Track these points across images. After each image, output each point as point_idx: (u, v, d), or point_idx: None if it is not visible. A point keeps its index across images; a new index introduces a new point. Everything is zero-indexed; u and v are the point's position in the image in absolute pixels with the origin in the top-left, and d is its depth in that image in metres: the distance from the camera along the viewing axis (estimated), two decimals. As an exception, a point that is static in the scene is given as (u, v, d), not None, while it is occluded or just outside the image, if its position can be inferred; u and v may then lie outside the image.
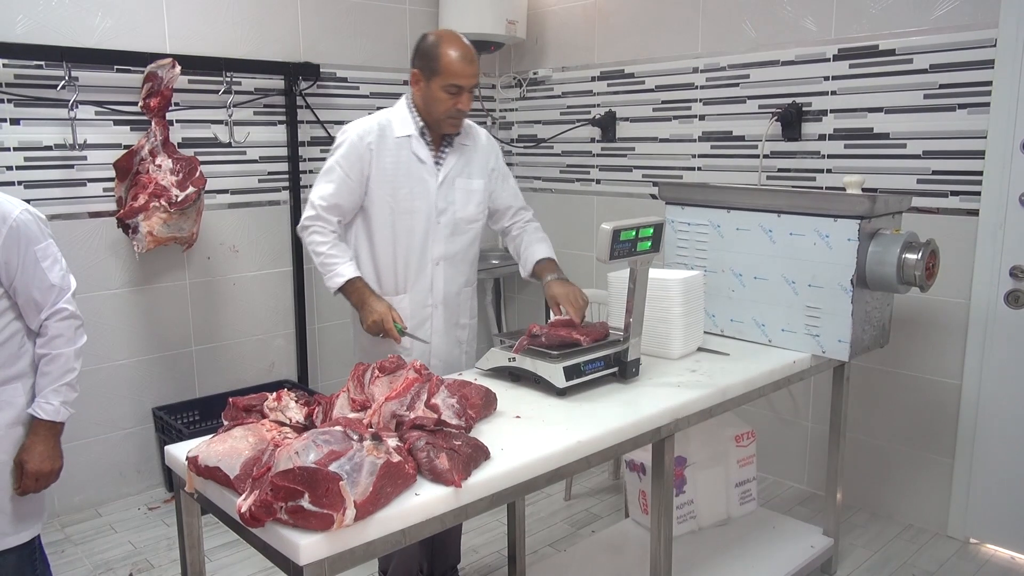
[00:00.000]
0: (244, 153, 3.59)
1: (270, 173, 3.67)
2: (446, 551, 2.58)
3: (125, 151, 3.17)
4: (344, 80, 3.85)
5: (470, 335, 2.53)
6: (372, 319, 2.20)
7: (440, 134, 2.33)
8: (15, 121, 2.99)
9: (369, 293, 2.26)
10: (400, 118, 2.31)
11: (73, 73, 3.02)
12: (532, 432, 1.77)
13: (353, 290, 2.25)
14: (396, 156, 2.29)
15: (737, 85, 3.43)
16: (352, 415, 1.68)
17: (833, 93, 3.13)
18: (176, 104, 3.28)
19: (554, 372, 1.98)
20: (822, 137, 3.19)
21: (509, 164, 4.51)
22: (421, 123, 2.30)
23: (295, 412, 1.70)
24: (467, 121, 2.38)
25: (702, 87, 3.56)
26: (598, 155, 4.07)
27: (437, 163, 2.34)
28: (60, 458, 1.93)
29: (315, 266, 2.32)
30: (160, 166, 3.15)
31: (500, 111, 4.55)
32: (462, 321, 2.48)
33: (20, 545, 1.91)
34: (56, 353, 1.88)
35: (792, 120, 3.22)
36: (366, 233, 2.35)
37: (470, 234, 2.43)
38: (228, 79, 3.42)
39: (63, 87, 3.01)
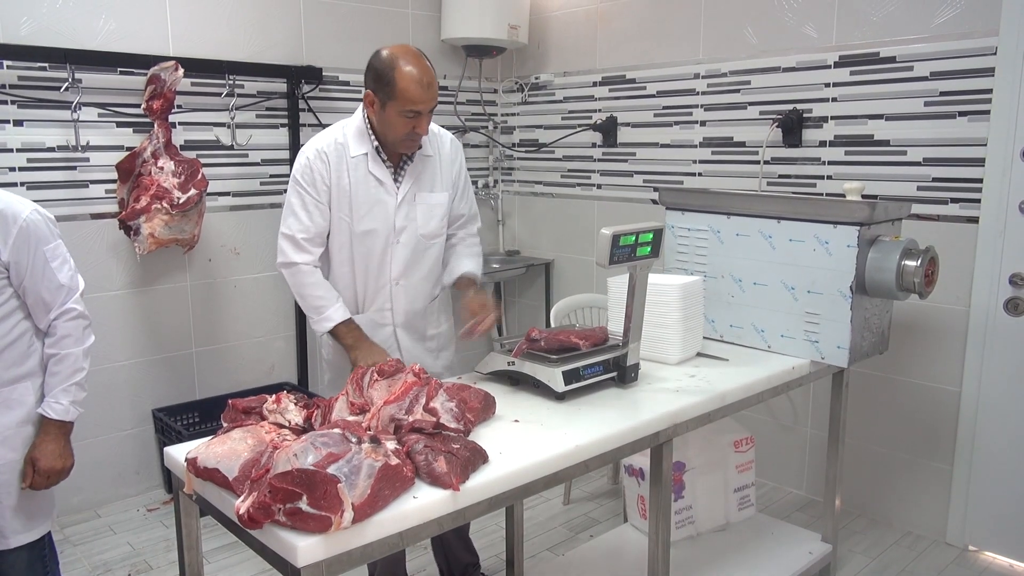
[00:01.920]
0: (246, 156, 3.59)
1: (272, 176, 3.69)
2: (456, 551, 2.59)
3: (127, 153, 3.19)
4: (346, 84, 3.86)
5: (439, 344, 2.47)
6: (368, 364, 2.14)
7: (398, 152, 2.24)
8: (18, 122, 3.00)
9: (364, 336, 2.23)
10: (356, 135, 2.21)
11: (76, 75, 3.03)
12: (530, 436, 1.77)
13: (347, 332, 2.22)
14: (353, 175, 2.20)
15: (738, 91, 3.43)
16: (351, 418, 1.68)
17: (834, 100, 3.14)
18: (179, 106, 3.29)
19: (553, 376, 1.98)
20: (822, 143, 3.19)
21: (510, 168, 4.59)
22: (376, 142, 2.20)
23: (294, 414, 1.70)
24: (432, 127, 2.25)
25: (703, 93, 3.57)
26: (599, 160, 4.07)
27: (396, 180, 2.25)
28: (71, 456, 1.97)
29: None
30: (162, 168, 3.16)
31: (502, 115, 4.56)
32: (429, 333, 2.44)
33: (32, 542, 1.93)
34: (65, 353, 1.91)
35: (793, 126, 3.23)
36: (324, 253, 2.28)
37: (433, 250, 2.35)
38: (231, 82, 3.43)
39: (66, 89, 3.02)
